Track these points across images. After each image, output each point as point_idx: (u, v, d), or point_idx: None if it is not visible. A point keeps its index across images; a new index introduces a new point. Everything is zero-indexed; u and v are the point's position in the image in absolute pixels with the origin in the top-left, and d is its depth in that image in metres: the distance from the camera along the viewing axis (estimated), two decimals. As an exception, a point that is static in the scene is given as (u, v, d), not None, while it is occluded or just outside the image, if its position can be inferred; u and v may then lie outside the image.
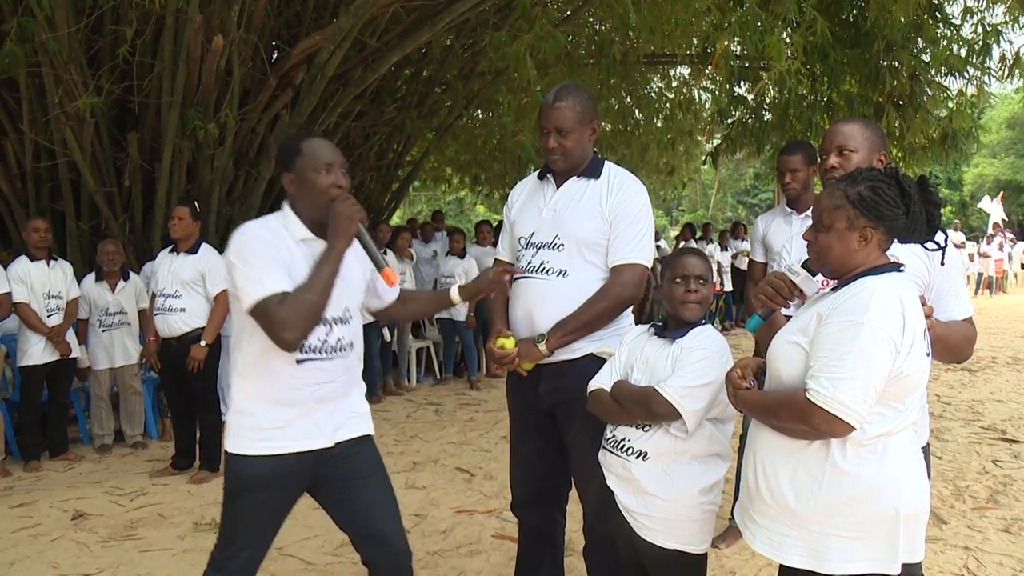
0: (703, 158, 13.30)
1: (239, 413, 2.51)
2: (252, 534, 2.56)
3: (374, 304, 2.85)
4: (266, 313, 2.32)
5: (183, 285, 5.47)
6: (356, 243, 2.47)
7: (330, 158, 2.45)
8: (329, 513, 2.65)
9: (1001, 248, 21.05)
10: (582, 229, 2.86)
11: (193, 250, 5.53)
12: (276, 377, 2.46)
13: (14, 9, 6.13)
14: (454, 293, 2.89)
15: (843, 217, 2.00)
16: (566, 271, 2.86)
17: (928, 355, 2.00)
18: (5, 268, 5.83)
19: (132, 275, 6.50)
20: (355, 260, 2.55)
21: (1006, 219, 24.17)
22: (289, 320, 2.30)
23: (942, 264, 2.24)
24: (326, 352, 2.50)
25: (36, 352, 5.84)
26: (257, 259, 2.36)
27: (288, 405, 2.47)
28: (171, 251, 5.62)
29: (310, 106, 7.78)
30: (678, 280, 2.55)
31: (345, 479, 2.57)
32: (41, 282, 5.90)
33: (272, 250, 2.39)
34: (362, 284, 2.66)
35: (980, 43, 7.39)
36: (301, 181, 2.45)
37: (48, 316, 5.90)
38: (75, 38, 6.47)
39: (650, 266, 2.94)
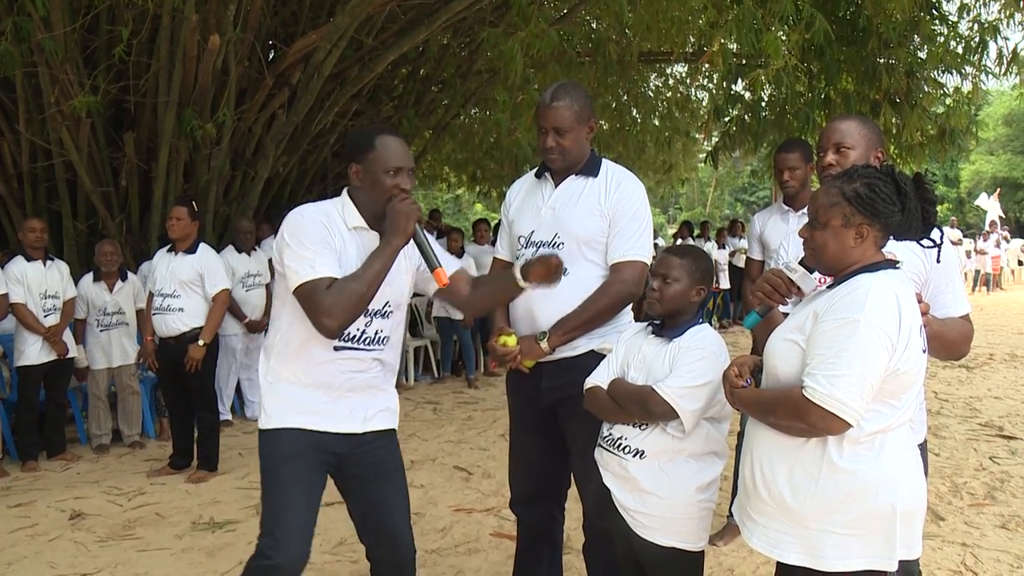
0: (701, 156, 13.30)
1: (272, 393, 2.55)
2: (299, 507, 2.50)
3: (430, 289, 2.78)
4: (312, 296, 2.35)
5: (181, 285, 5.46)
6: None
7: (401, 162, 2.48)
8: (345, 499, 2.68)
9: (999, 245, 21.06)
10: (582, 227, 2.86)
11: (191, 250, 5.53)
12: (311, 362, 2.50)
13: (9, 8, 6.12)
14: (519, 277, 2.65)
15: (839, 214, 2.00)
16: (566, 269, 2.86)
17: (924, 352, 2.00)
18: (2, 268, 5.83)
19: (130, 275, 6.49)
20: (403, 256, 2.55)
21: (1003, 216, 24.19)
22: (334, 307, 2.33)
23: (938, 261, 2.25)
24: (363, 343, 2.53)
25: (33, 352, 5.84)
26: (310, 240, 2.40)
27: (321, 389, 2.52)
28: (169, 251, 5.62)
29: (307, 105, 7.78)
30: (650, 275, 2.61)
31: (368, 470, 2.61)
32: (38, 282, 5.90)
33: (326, 234, 2.43)
34: (408, 280, 2.68)
35: (977, 40, 7.39)
36: (368, 176, 2.48)
37: (45, 316, 5.89)
38: (71, 38, 6.47)
39: (649, 263, 2.94)
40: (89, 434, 6.42)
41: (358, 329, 2.51)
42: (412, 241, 2.48)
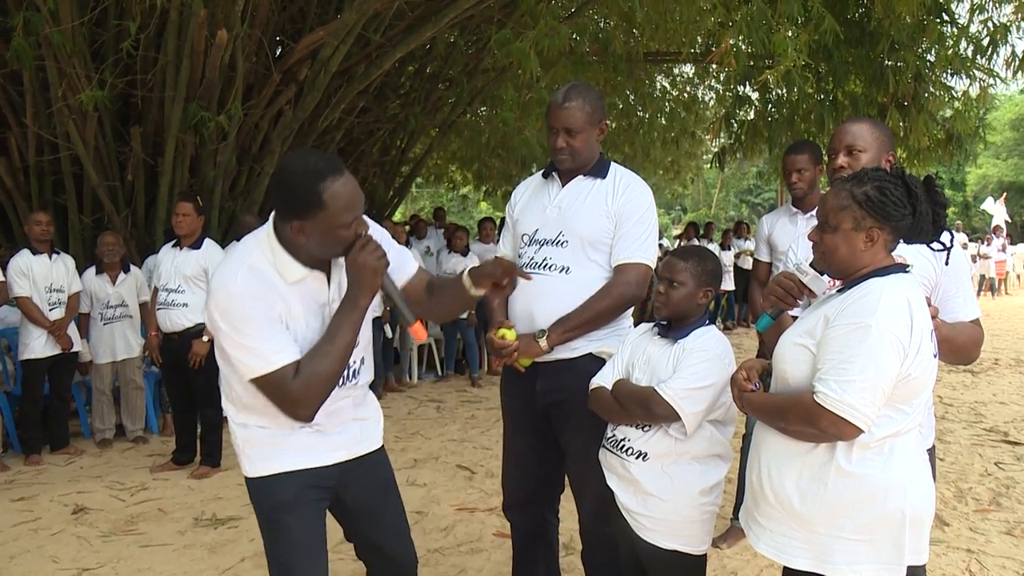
0: (706, 157, 13.27)
1: (250, 437, 2.27)
2: (311, 562, 2.30)
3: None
4: (276, 388, 2.07)
5: (186, 280, 5.46)
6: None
7: (356, 209, 2.08)
8: (341, 523, 2.51)
9: (1004, 249, 21.00)
10: (587, 227, 2.85)
11: (196, 245, 5.52)
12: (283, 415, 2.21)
13: (19, 4, 6.13)
14: (466, 281, 2.42)
15: (849, 217, 1.99)
16: (569, 268, 2.85)
17: (935, 357, 1.99)
18: (6, 262, 5.83)
19: (132, 267, 6.49)
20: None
21: (1009, 220, 24.13)
22: (306, 396, 2.07)
23: (946, 264, 2.23)
24: (341, 384, 2.28)
25: (38, 346, 5.85)
26: (251, 328, 2.04)
27: (303, 426, 2.26)
28: (174, 245, 5.61)
29: (313, 101, 7.78)
30: (656, 279, 2.59)
31: (361, 494, 2.43)
32: (43, 276, 5.90)
33: (264, 310, 2.06)
34: (369, 316, 2.31)
35: (987, 40, 7.35)
36: (317, 233, 2.06)
37: (50, 310, 5.90)
38: (79, 32, 6.47)
39: (653, 266, 2.93)
40: (92, 428, 6.43)
41: None
42: (381, 292, 2.19)
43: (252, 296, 2.05)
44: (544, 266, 2.88)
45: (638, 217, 2.85)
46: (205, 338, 5.41)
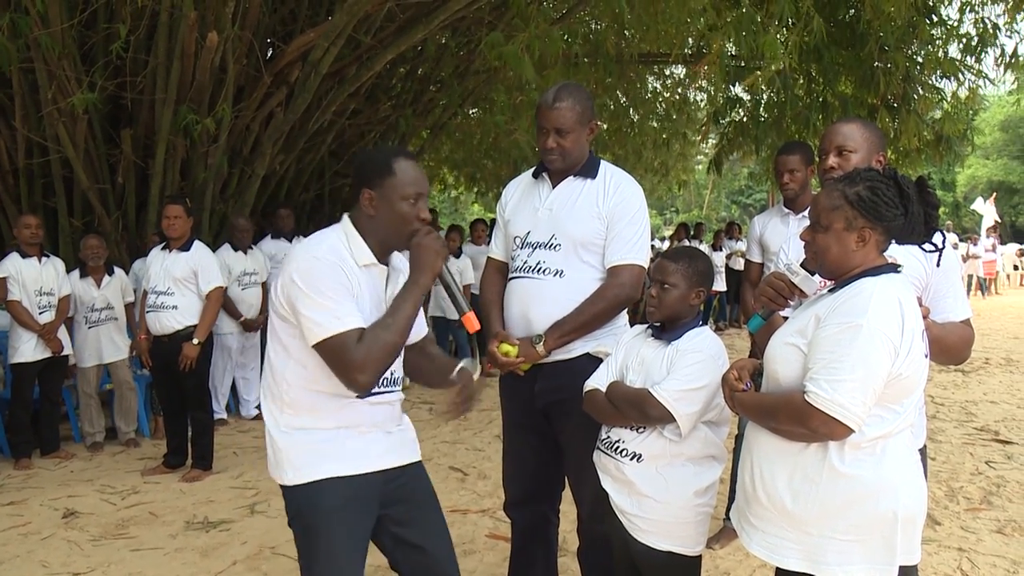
0: (699, 159, 13.28)
1: (293, 444, 2.27)
2: (348, 570, 2.29)
3: None
4: (341, 351, 2.12)
5: (175, 282, 5.44)
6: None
7: (421, 187, 2.27)
8: (380, 544, 2.43)
9: (994, 249, 21.08)
10: (579, 229, 2.84)
11: (186, 247, 5.51)
12: (331, 408, 2.27)
13: (6, 4, 6.10)
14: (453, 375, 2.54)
15: (841, 217, 1.99)
16: (562, 271, 2.85)
17: (926, 357, 1.99)
18: None
19: (117, 270, 6.48)
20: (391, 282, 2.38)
21: (999, 220, 24.22)
22: (368, 361, 2.12)
23: (938, 265, 2.24)
24: (383, 385, 2.34)
25: (28, 349, 5.82)
26: (330, 287, 2.15)
27: (345, 428, 2.29)
28: (163, 248, 5.59)
29: (304, 103, 7.76)
30: (649, 280, 2.61)
31: (404, 510, 2.40)
32: (33, 279, 5.87)
33: (344, 278, 2.18)
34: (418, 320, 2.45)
35: (976, 40, 7.38)
36: (385, 204, 2.24)
37: (40, 313, 5.87)
38: (68, 34, 6.44)
39: (647, 266, 2.93)
40: (83, 432, 6.40)
41: (388, 373, 2.31)
42: (439, 281, 2.33)
43: (333, 263, 2.19)
44: (538, 269, 2.88)
45: (630, 218, 2.85)
46: (195, 340, 5.39)
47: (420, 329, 2.57)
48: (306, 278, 2.16)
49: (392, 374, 2.37)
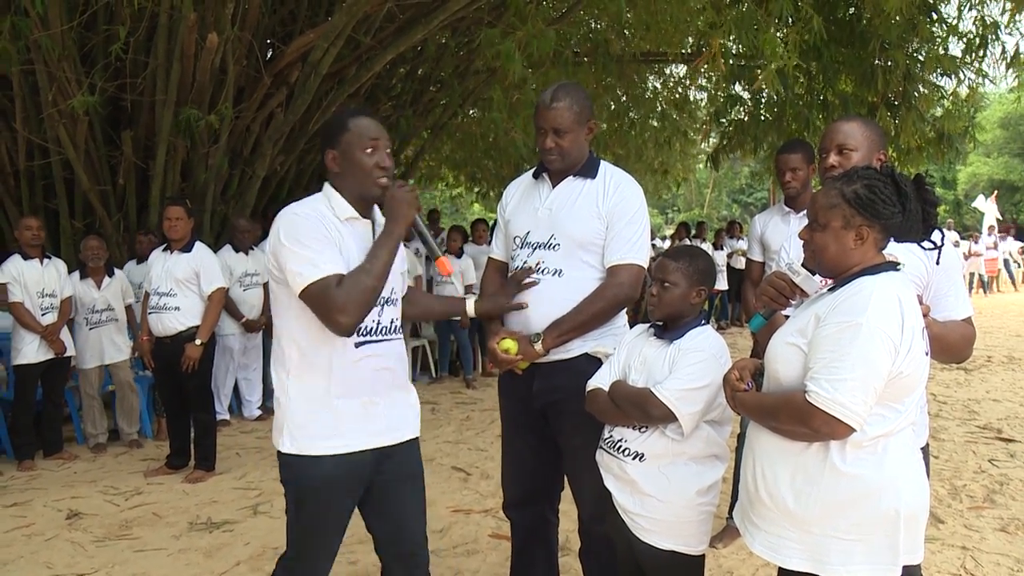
0: (700, 157, 13.25)
1: (294, 413, 2.40)
2: (325, 543, 2.47)
3: None
4: (322, 295, 2.26)
5: (177, 283, 5.45)
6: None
7: (376, 134, 2.42)
8: (362, 510, 2.58)
9: (996, 247, 21.03)
10: (578, 229, 2.84)
11: (187, 248, 5.52)
12: (335, 366, 2.39)
13: (7, 7, 6.11)
14: (470, 307, 2.99)
15: (839, 216, 1.99)
16: (562, 271, 2.85)
17: (927, 355, 1.99)
18: None
19: (116, 271, 6.50)
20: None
21: (1000, 218, 24.17)
22: (348, 303, 2.25)
23: (937, 263, 2.24)
24: (381, 333, 2.48)
25: (30, 351, 5.82)
26: (310, 239, 2.30)
27: (348, 399, 2.40)
28: (164, 249, 5.60)
29: (304, 104, 7.77)
30: (649, 278, 2.62)
31: (391, 482, 2.52)
32: (35, 281, 5.88)
33: (324, 230, 2.34)
34: (402, 268, 2.65)
35: (977, 38, 7.37)
36: (346, 159, 2.42)
37: (42, 315, 5.88)
38: (68, 36, 6.45)
39: (646, 266, 2.93)
40: (85, 433, 6.41)
41: (373, 320, 2.43)
42: (412, 229, 2.46)
43: (313, 217, 2.36)
44: (537, 269, 2.88)
45: (629, 217, 2.84)
46: (198, 341, 5.40)
47: (402, 284, 2.73)
48: (288, 232, 2.32)
49: (393, 322, 2.53)
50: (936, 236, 2.07)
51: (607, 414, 2.57)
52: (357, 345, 2.40)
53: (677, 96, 12.77)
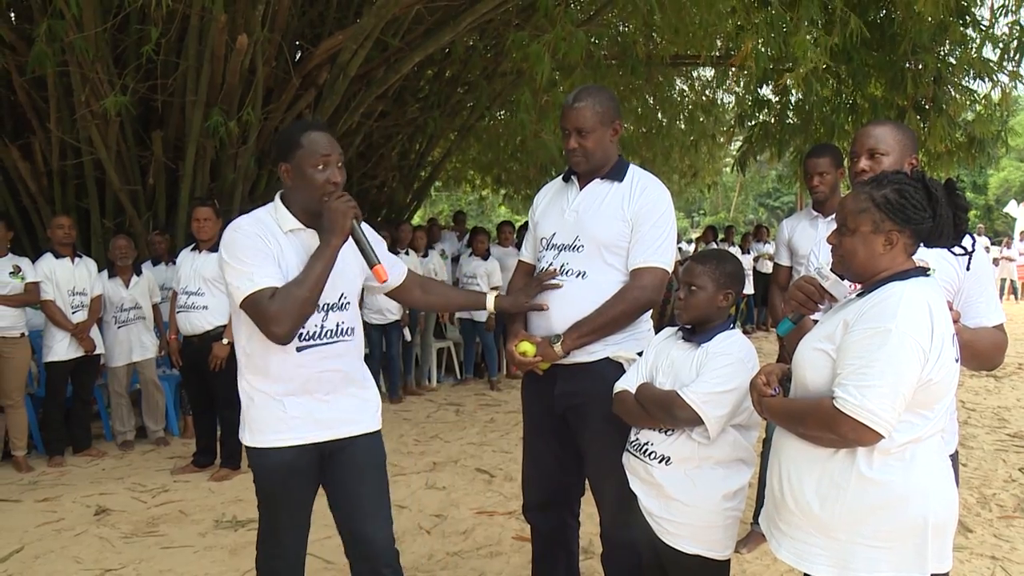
0: (727, 161, 13.16)
1: (253, 408, 2.56)
2: (288, 522, 2.67)
3: (375, 290, 2.89)
4: (256, 307, 2.37)
5: (206, 283, 5.50)
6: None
7: (327, 150, 2.48)
8: (328, 499, 2.70)
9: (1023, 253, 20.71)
10: (603, 231, 2.84)
11: (215, 248, 5.56)
12: (281, 367, 2.50)
13: (44, 10, 6.20)
14: (490, 302, 2.99)
15: (868, 220, 1.97)
16: (585, 273, 2.84)
17: (957, 361, 1.97)
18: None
19: (144, 270, 6.57)
20: (352, 249, 2.56)
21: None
22: (280, 314, 2.35)
23: (968, 268, 2.21)
24: (325, 336, 2.54)
25: (61, 348, 5.90)
26: (247, 255, 2.41)
27: (299, 395, 2.53)
28: (193, 249, 5.66)
29: (332, 106, 7.81)
30: (677, 281, 2.59)
31: (347, 471, 2.63)
32: (66, 279, 5.96)
33: (261, 245, 2.43)
34: (359, 271, 2.68)
35: (1015, 42, 7.25)
36: (298, 173, 2.48)
37: (73, 313, 5.95)
38: (101, 38, 6.52)
39: (671, 270, 2.91)
40: (113, 430, 6.48)
41: (316, 325, 2.52)
42: (352, 239, 2.51)
43: (252, 233, 2.45)
44: (561, 271, 2.88)
45: (655, 220, 2.83)
46: (225, 340, 5.44)
47: (399, 272, 2.87)
48: (228, 249, 2.45)
49: (339, 325, 2.58)
50: (967, 241, 2.05)
51: (633, 416, 2.57)
52: (299, 349, 2.50)
53: (705, 99, 12.71)
